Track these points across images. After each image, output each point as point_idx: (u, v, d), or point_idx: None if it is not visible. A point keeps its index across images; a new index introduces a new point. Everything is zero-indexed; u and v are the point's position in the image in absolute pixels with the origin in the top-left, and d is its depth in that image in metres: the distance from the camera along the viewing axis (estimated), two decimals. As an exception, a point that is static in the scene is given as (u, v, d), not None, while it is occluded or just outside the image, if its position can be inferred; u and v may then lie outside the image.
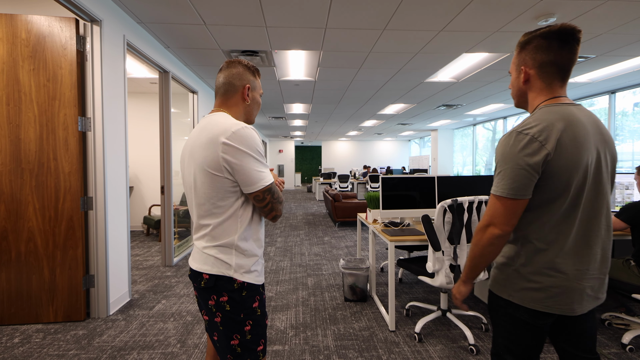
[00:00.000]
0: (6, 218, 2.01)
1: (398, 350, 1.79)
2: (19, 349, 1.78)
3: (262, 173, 0.88)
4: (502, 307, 0.90)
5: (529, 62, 0.86)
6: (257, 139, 0.88)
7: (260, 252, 0.97)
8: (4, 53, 1.98)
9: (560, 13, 2.47)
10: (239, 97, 0.98)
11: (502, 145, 0.83)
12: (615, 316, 2.08)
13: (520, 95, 0.91)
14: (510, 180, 0.80)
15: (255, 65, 3.60)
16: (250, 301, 0.91)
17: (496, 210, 0.83)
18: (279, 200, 0.93)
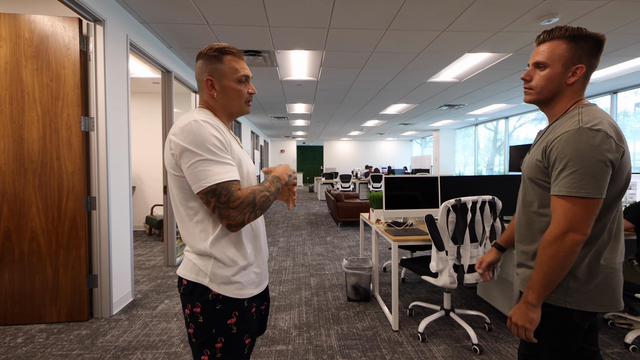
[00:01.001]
0: (9, 218, 2.01)
1: (401, 350, 1.79)
2: (22, 349, 1.78)
3: (206, 172, 0.74)
4: (553, 315, 0.83)
5: (585, 62, 0.82)
6: (205, 133, 0.75)
7: (249, 261, 0.84)
8: (7, 53, 1.98)
9: (563, 13, 2.47)
10: (206, 93, 0.86)
11: (575, 142, 0.75)
12: (618, 316, 2.07)
13: (555, 93, 0.85)
14: (591, 178, 0.74)
15: (255, 62, 3.62)
16: (224, 316, 0.80)
17: (575, 213, 0.76)
18: (230, 206, 0.74)
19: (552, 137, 0.82)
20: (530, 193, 0.90)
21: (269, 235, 4.87)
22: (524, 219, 0.92)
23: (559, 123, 0.85)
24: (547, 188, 0.84)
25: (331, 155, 14.64)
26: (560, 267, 0.78)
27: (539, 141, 0.90)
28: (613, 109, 5.21)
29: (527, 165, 0.90)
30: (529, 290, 0.82)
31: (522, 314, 0.83)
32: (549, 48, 0.83)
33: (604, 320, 2.08)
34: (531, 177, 0.87)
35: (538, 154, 0.86)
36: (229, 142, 0.81)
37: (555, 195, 0.79)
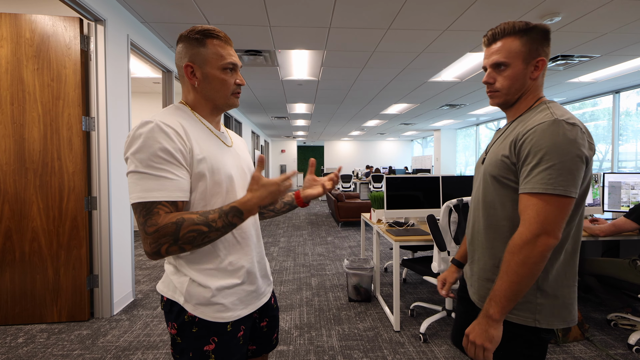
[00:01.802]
0: (10, 218, 2.01)
1: (403, 350, 1.78)
2: (23, 349, 1.78)
3: (134, 185, 0.63)
4: (520, 336, 0.75)
5: (543, 54, 0.77)
6: (150, 140, 0.63)
7: (233, 280, 0.73)
8: (8, 53, 1.98)
9: (566, 12, 2.45)
10: (187, 82, 0.75)
11: (552, 135, 0.68)
12: (621, 317, 2.06)
13: (521, 91, 0.79)
14: (568, 174, 0.67)
15: (255, 61, 3.61)
16: (200, 342, 0.70)
17: (550, 213, 0.67)
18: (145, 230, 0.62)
19: (522, 129, 0.74)
20: (491, 194, 0.80)
21: (269, 235, 4.86)
22: (485, 224, 0.82)
23: (525, 117, 0.78)
24: (512, 188, 0.76)
25: (332, 155, 14.62)
26: (530, 275, 0.68)
27: (502, 137, 0.83)
28: (615, 108, 5.18)
29: (489, 162, 0.81)
30: (492, 302, 0.71)
31: (481, 331, 0.72)
32: (503, 46, 0.78)
33: (607, 321, 2.07)
34: (495, 175, 0.79)
35: (504, 149, 0.77)
36: (188, 149, 0.67)
37: (527, 194, 0.70)
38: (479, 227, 0.85)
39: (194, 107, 0.77)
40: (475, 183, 0.90)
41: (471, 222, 0.89)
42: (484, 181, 0.83)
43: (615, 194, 2.35)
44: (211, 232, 0.64)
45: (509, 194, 0.77)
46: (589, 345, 1.82)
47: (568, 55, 3.41)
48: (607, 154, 5.58)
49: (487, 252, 0.82)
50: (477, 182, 0.89)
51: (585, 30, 2.78)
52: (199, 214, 0.65)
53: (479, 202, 0.85)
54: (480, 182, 0.85)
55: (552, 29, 2.75)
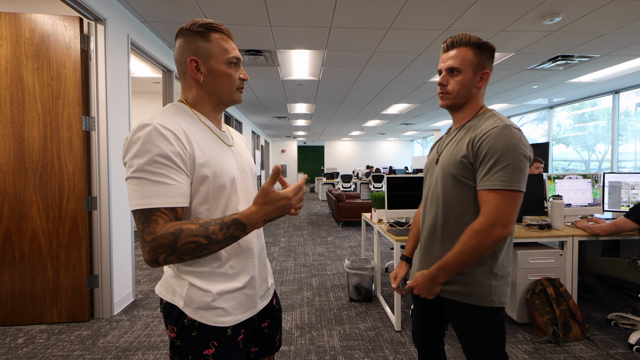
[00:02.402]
0: (10, 218, 2.00)
1: (404, 350, 1.78)
2: (23, 350, 1.77)
3: (133, 191, 0.61)
4: (487, 317, 0.86)
5: (488, 68, 0.90)
6: (149, 144, 0.61)
7: (234, 284, 0.71)
8: (7, 52, 1.97)
9: (566, 12, 2.46)
10: (190, 78, 0.72)
11: (505, 138, 0.79)
12: (621, 316, 2.06)
13: (468, 97, 0.90)
14: (520, 172, 0.78)
15: (256, 61, 3.61)
16: (200, 346, 0.69)
17: (506, 207, 0.78)
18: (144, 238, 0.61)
19: (477, 132, 0.84)
20: (451, 192, 0.89)
21: (270, 235, 4.86)
22: (448, 219, 0.90)
23: (474, 123, 0.89)
24: (470, 186, 0.86)
25: (332, 155, 14.63)
26: (478, 257, 0.81)
27: (454, 140, 0.92)
28: (615, 108, 5.19)
29: (447, 163, 0.90)
30: (441, 270, 0.85)
31: (427, 289, 0.88)
32: (459, 54, 0.88)
33: (607, 321, 2.07)
34: (455, 174, 0.88)
35: (461, 150, 0.87)
36: (189, 153, 0.65)
37: (486, 190, 0.80)
38: (440, 222, 0.92)
39: (195, 105, 0.74)
40: (429, 182, 0.99)
41: (430, 219, 0.96)
42: (442, 180, 0.91)
43: (616, 193, 2.35)
44: (211, 244, 0.61)
45: (467, 191, 0.87)
46: (589, 344, 1.82)
47: (568, 55, 3.42)
48: (607, 154, 5.59)
49: (447, 245, 0.89)
50: (432, 180, 0.97)
51: (585, 31, 2.79)
52: (199, 225, 0.61)
53: (439, 200, 0.92)
54: (438, 181, 0.93)
55: (552, 30, 2.76)
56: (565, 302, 1.89)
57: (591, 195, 2.32)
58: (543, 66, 3.77)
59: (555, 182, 2.33)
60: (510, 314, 2.10)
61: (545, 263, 2.02)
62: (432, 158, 1.01)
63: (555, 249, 2.06)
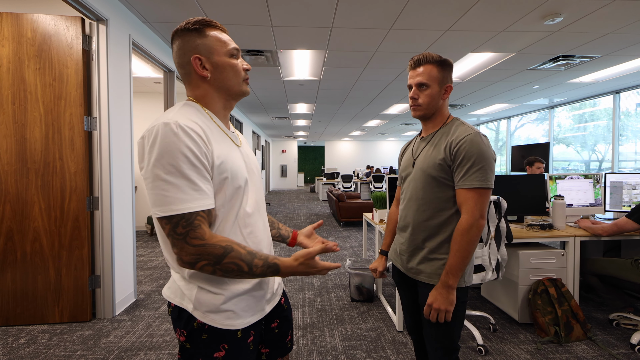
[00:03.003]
0: (12, 218, 2.00)
1: (406, 350, 1.78)
2: (25, 350, 1.77)
3: (164, 196, 0.60)
4: (459, 298, 0.97)
5: (450, 82, 1.03)
6: (174, 145, 0.60)
7: (244, 286, 0.71)
8: (9, 52, 1.97)
9: (567, 13, 2.46)
10: (196, 77, 0.71)
11: (478, 144, 0.93)
12: (623, 316, 2.06)
13: (436, 108, 1.03)
14: (491, 172, 0.93)
15: (257, 61, 3.61)
16: (211, 349, 0.68)
17: (484, 202, 0.93)
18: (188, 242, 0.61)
19: (452, 139, 0.97)
20: (431, 191, 1.01)
21: (270, 235, 4.86)
22: (428, 215, 1.02)
23: (445, 130, 1.02)
24: (447, 185, 0.98)
25: (332, 155, 14.62)
26: (474, 249, 0.93)
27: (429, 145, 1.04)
28: (615, 109, 5.19)
29: (427, 165, 1.01)
30: (449, 275, 0.93)
31: (443, 299, 0.93)
32: (425, 71, 1.01)
33: (609, 321, 2.07)
34: (435, 175, 0.99)
35: (439, 154, 0.99)
36: (210, 152, 0.65)
37: (466, 189, 0.93)
38: (420, 218, 1.04)
39: (206, 104, 0.73)
40: (408, 183, 1.09)
41: (411, 215, 1.06)
42: (422, 181, 1.03)
43: (617, 194, 2.35)
44: (248, 273, 0.65)
45: (445, 190, 0.99)
46: (591, 344, 1.82)
47: (569, 55, 3.42)
48: (607, 154, 5.59)
49: (433, 237, 1.01)
50: (411, 181, 1.08)
51: (587, 31, 2.79)
52: (247, 252, 0.65)
53: (419, 199, 1.04)
54: (418, 181, 1.05)
55: (553, 30, 2.76)
56: (567, 302, 1.90)
57: (592, 195, 2.32)
58: (544, 66, 3.77)
59: (557, 182, 2.33)
60: (511, 314, 2.10)
61: (547, 263, 2.02)
62: (407, 161, 1.13)
63: (556, 249, 2.06)
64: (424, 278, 1.01)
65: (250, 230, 0.73)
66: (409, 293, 1.13)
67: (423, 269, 1.02)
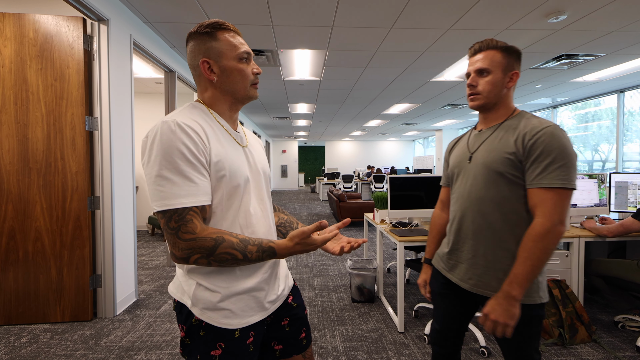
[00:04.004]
0: (14, 217, 2.00)
1: (408, 352, 1.76)
2: (27, 349, 1.77)
3: (160, 191, 0.62)
4: (536, 315, 0.86)
5: (517, 69, 0.91)
6: (172, 142, 0.62)
7: (244, 285, 0.70)
8: (11, 52, 1.98)
9: (571, 10, 2.43)
10: (204, 80, 0.73)
11: (559, 137, 0.80)
12: (629, 318, 2.03)
13: (498, 97, 0.92)
14: (574, 171, 0.80)
15: (258, 61, 3.60)
16: (208, 346, 0.68)
17: (565, 205, 0.78)
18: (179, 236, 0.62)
19: (527, 131, 0.84)
20: (496, 190, 0.88)
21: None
22: (492, 218, 0.89)
23: (511, 124, 0.89)
24: (517, 183, 0.85)
25: (333, 156, 14.61)
26: (548, 259, 0.79)
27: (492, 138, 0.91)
28: (620, 108, 5.15)
29: (492, 160, 0.88)
30: (514, 285, 0.79)
31: (503, 311, 0.80)
32: (487, 56, 0.90)
33: (614, 323, 2.05)
34: (501, 171, 0.86)
35: (507, 146, 0.86)
36: (208, 150, 0.66)
37: (543, 188, 0.80)
38: (482, 222, 0.90)
39: (212, 105, 0.75)
40: (464, 181, 0.96)
41: (469, 218, 0.93)
42: (484, 177, 0.89)
43: (622, 194, 2.32)
44: (244, 260, 0.65)
45: (514, 189, 0.86)
46: (596, 347, 1.79)
47: (573, 54, 3.39)
48: (610, 154, 5.54)
49: (497, 244, 0.88)
50: (468, 179, 0.95)
51: (591, 29, 2.76)
52: (239, 240, 0.65)
53: (480, 199, 0.91)
54: (478, 178, 0.91)
55: (557, 28, 2.73)
56: (572, 304, 1.87)
57: (597, 195, 2.29)
58: (547, 65, 3.74)
59: (561, 182, 2.31)
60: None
61: (551, 264, 2.00)
62: (461, 155, 0.99)
63: (561, 250, 2.04)
64: (490, 293, 0.88)
65: (252, 231, 0.73)
66: (458, 305, 1.00)
67: (488, 281, 0.89)
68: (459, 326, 1.03)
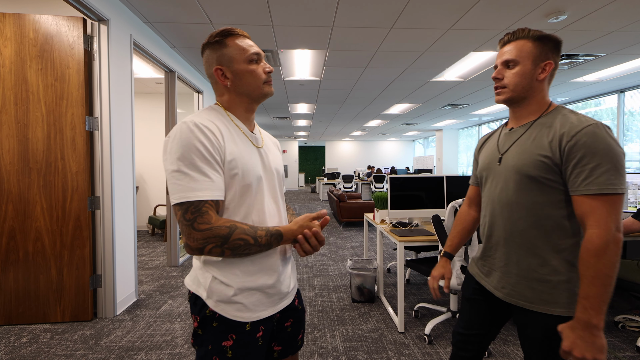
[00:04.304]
0: (14, 217, 2.01)
1: (408, 352, 1.76)
2: (27, 349, 1.77)
3: (178, 185, 0.66)
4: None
5: (552, 59, 0.82)
6: (189, 141, 0.67)
7: (256, 282, 0.74)
8: (12, 53, 1.98)
9: (571, 10, 2.43)
10: (220, 86, 0.79)
11: (603, 137, 0.71)
12: (629, 319, 2.03)
13: (527, 90, 0.83)
14: (623, 174, 0.71)
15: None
16: (220, 337, 0.72)
17: (618, 211, 0.70)
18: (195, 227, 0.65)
19: (564, 131, 0.75)
20: (528, 195, 0.81)
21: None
22: (524, 224, 0.82)
23: (546, 121, 0.81)
24: (554, 188, 0.78)
25: (333, 156, 14.61)
26: (615, 273, 0.69)
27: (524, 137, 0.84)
28: (620, 108, 5.14)
29: (524, 163, 0.81)
30: (589, 311, 0.69)
31: (588, 345, 0.69)
32: (516, 47, 0.84)
33: (614, 323, 2.04)
34: (534, 175, 0.79)
35: (540, 149, 0.78)
36: (222, 149, 0.71)
37: (592, 195, 0.71)
38: (513, 229, 0.85)
39: (229, 108, 0.80)
40: (494, 184, 0.90)
41: (501, 224, 0.88)
42: (515, 182, 0.83)
43: (622, 194, 2.32)
44: (255, 245, 0.69)
45: (550, 194, 0.79)
46: (596, 347, 1.79)
47: (573, 54, 3.39)
48: (612, 154, 5.53)
49: (530, 252, 0.82)
50: (498, 183, 0.88)
51: (591, 29, 2.76)
52: (249, 226, 0.70)
53: (512, 204, 0.84)
54: (509, 182, 0.85)
55: (557, 28, 2.73)
56: (571, 304, 1.87)
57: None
58: (547, 65, 3.74)
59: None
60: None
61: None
62: (490, 156, 0.92)
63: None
64: (523, 303, 0.83)
65: None
66: (487, 313, 0.95)
67: (522, 291, 0.83)
68: (485, 332, 0.98)
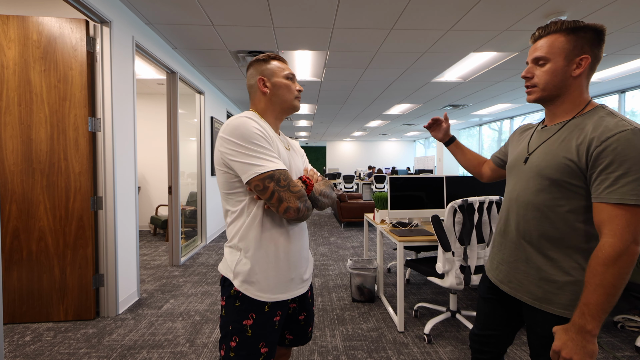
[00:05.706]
0: (17, 217, 2.03)
1: (407, 351, 1.77)
2: (31, 347, 1.79)
3: (259, 160, 0.78)
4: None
5: (588, 52, 0.76)
6: (248, 127, 0.80)
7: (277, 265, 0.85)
8: (15, 54, 2.01)
9: (571, 11, 2.44)
10: (259, 93, 0.94)
11: (637, 146, 0.67)
12: (628, 319, 2.04)
13: (560, 88, 0.78)
14: None
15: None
16: (241, 315, 0.81)
17: (637, 223, 0.67)
18: (292, 190, 0.79)
19: (594, 136, 0.71)
20: (547, 197, 0.79)
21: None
22: (540, 226, 0.81)
23: (582, 122, 0.76)
24: (576, 193, 0.75)
25: (334, 156, 14.61)
26: (624, 284, 0.68)
27: (554, 138, 0.80)
28: (621, 108, 5.14)
29: (545, 164, 0.79)
30: (587, 317, 0.68)
31: (578, 348, 0.68)
32: (547, 42, 0.79)
33: (614, 323, 2.05)
34: (556, 178, 0.76)
35: (566, 152, 0.75)
36: (273, 139, 0.86)
37: (613, 204, 0.69)
38: (526, 228, 0.84)
39: (262, 114, 0.94)
40: (515, 183, 0.89)
41: (514, 220, 0.88)
42: (536, 183, 0.81)
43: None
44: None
45: (571, 199, 0.76)
46: (595, 347, 1.80)
47: (573, 54, 3.38)
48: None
49: (540, 252, 0.82)
50: (520, 182, 0.87)
51: (591, 30, 2.76)
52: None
53: (529, 204, 0.83)
54: (529, 182, 0.83)
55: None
56: (571, 304, 1.87)
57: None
58: (547, 66, 3.74)
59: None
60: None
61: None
62: (519, 154, 0.90)
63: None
64: (528, 300, 0.83)
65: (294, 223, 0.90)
66: (501, 311, 0.95)
67: (528, 287, 0.83)
68: (500, 333, 0.97)
